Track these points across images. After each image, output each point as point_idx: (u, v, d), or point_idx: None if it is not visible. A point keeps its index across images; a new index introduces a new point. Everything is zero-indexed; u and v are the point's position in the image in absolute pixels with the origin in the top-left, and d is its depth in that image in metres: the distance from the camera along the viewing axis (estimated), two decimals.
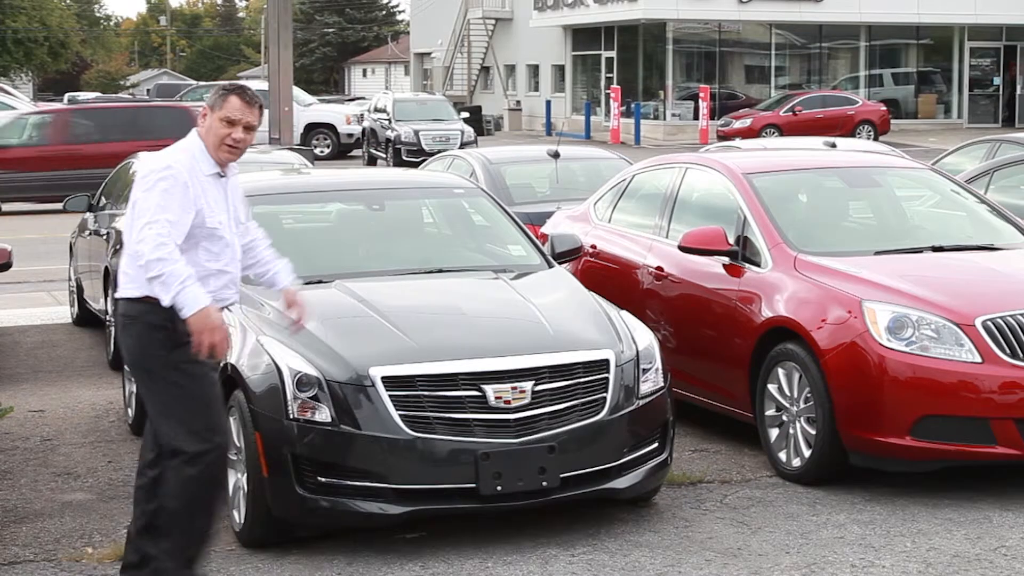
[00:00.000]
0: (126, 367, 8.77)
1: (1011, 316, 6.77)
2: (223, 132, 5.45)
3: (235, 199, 5.65)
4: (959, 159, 13.37)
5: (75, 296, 12.80)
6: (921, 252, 7.70)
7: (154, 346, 5.36)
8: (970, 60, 45.54)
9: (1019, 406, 6.64)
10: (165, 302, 5.22)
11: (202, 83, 51.20)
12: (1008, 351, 6.69)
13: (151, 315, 5.33)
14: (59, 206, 13.71)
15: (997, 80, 45.66)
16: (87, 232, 12.38)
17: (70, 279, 13.16)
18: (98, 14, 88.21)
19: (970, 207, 8.50)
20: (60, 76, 79.33)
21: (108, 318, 10.85)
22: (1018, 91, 44.97)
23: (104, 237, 11.57)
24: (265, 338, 6.33)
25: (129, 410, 8.66)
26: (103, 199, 12.45)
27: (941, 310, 6.80)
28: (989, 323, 6.74)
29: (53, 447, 8.20)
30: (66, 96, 60.20)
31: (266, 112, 25.49)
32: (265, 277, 5.96)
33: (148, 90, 57.99)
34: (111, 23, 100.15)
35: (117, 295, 5.47)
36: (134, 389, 8.52)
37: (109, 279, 10.90)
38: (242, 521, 6.28)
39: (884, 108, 40.01)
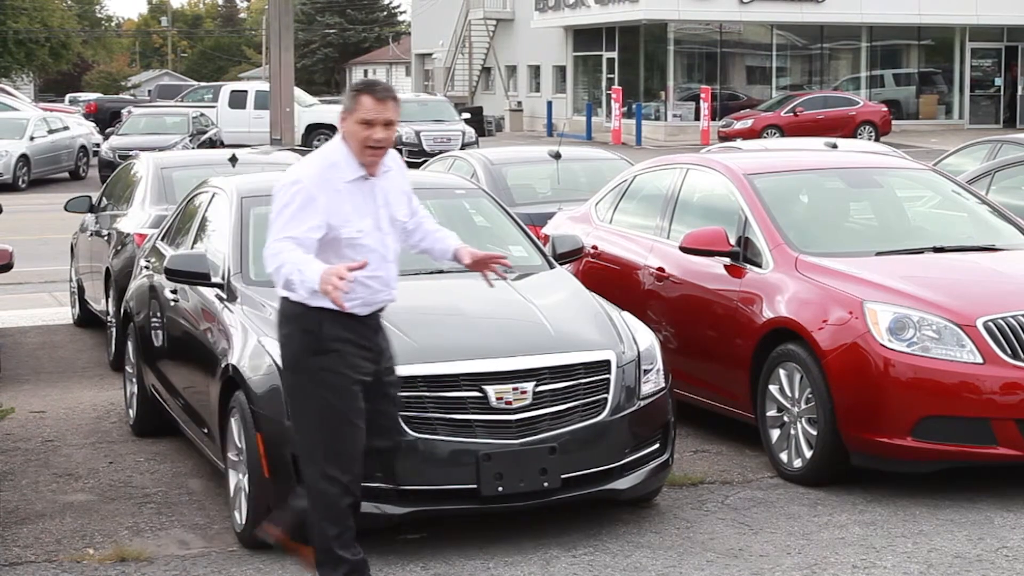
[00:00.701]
0: (126, 368, 8.78)
1: (1012, 317, 6.77)
2: (363, 135, 5.28)
3: (390, 197, 5.44)
4: (960, 160, 13.36)
5: (76, 297, 12.80)
6: (922, 253, 7.70)
7: (302, 349, 5.32)
8: (971, 61, 45.53)
9: (1020, 407, 6.63)
10: (310, 299, 5.17)
11: (203, 84, 51.16)
12: (1009, 352, 6.69)
13: (303, 318, 5.29)
14: (59, 206, 13.70)
15: (998, 81, 45.65)
16: (88, 233, 12.39)
17: (71, 280, 13.18)
18: (99, 15, 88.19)
19: (971, 208, 8.50)
20: (61, 77, 79.34)
21: (109, 319, 10.86)
22: (1019, 92, 44.95)
23: (105, 238, 11.58)
24: (266, 339, 6.32)
25: (130, 411, 8.67)
26: (104, 200, 12.46)
27: (942, 311, 6.80)
28: (990, 324, 6.74)
29: (54, 448, 8.20)
30: (67, 97, 60.27)
31: (267, 112, 25.25)
32: (435, 249, 5.83)
33: (149, 91, 57.99)
34: (112, 24, 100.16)
35: (280, 294, 5.37)
36: (135, 390, 8.53)
37: (110, 280, 10.91)
38: (243, 522, 6.27)
39: (885, 109, 40.00)
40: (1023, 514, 6.57)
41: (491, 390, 6.02)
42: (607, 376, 6.27)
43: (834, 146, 11.85)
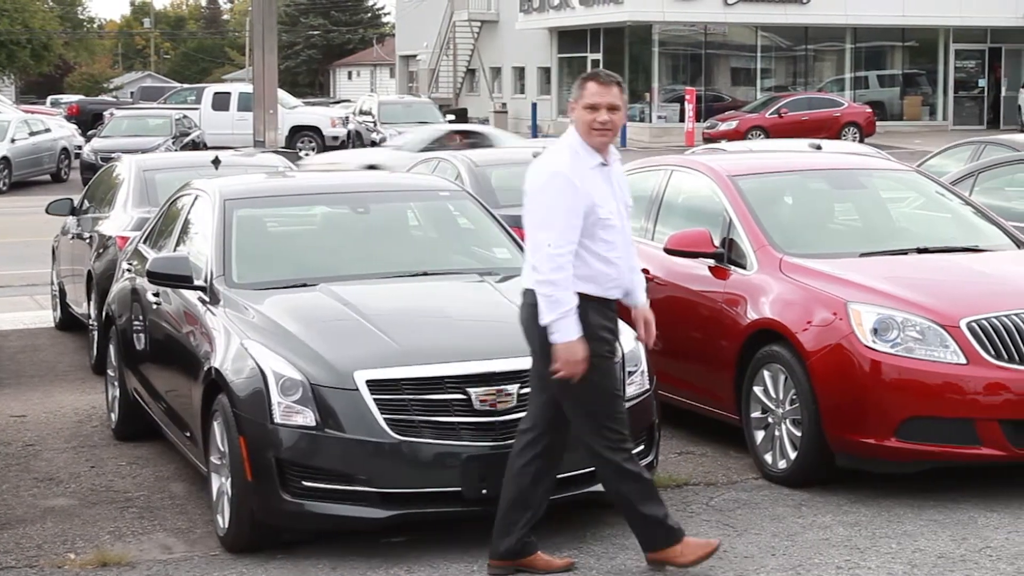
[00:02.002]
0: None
1: (996, 317, 6.77)
2: (588, 118, 5.62)
3: (620, 186, 5.75)
4: (944, 161, 13.39)
5: (58, 300, 12.75)
6: (906, 254, 7.71)
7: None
8: (955, 62, 45.65)
9: (1003, 407, 6.64)
10: (543, 320, 5.53)
11: (186, 86, 51.02)
12: (992, 352, 6.69)
13: None
14: (41, 208, 13.64)
15: (982, 82, 45.79)
16: (70, 236, 12.34)
17: (53, 283, 13.11)
18: (81, 16, 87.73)
19: (955, 209, 8.51)
20: (43, 79, 79.07)
21: (91, 322, 10.81)
22: (1003, 93, 45.09)
23: (87, 241, 11.52)
24: (249, 342, 6.30)
25: (112, 415, 8.63)
26: (86, 202, 12.40)
27: (926, 311, 6.80)
28: (974, 324, 6.75)
29: (35, 452, 8.16)
30: (48, 99, 60.06)
31: (251, 114, 25.19)
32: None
33: (132, 93, 57.81)
34: (94, 25, 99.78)
35: (527, 285, 5.65)
36: (117, 394, 8.49)
37: (92, 283, 10.86)
38: (226, 526, 6.24)
39: (869, 110, 40.08)
40: (1006, 514, 6.58)
41: (475, 392, 6.00)
42: None
43: (818, 147, 11.85)
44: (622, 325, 6.78)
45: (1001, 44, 45.34)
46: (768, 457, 7.23)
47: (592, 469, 6.15)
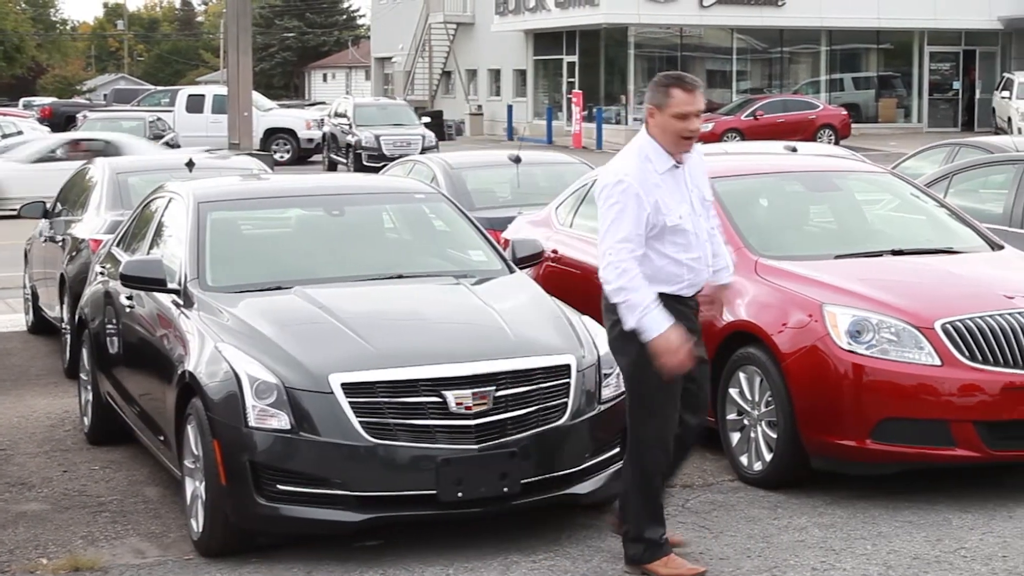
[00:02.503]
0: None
1: (970, 319, 6.79)
2: (678, 127, 5.55)
3: (695, 182, 5.72)
4: (919, 163, 13.42)
5: (30, 304, 12.67)
6: (881, 256, 7.72)
7: (630, 340, 5.59)
8: (930, 65, 45.83)
9: (978, 408, 6.66)
10: (628, 326, 5.52)
11: (160, 88, 50.81)
12: (967, 354, 6.71)
13: None
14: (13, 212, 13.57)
15: (956, 85, 45.97)
16: (43, 239, 12.27)
17: (25, 286, 13.03)
18: (54, 18, 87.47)
19: (929, 211, 8.53)
20: (15, 81, 78.65)
21: (63, 326, 10.75)
22: (977, 95, 45.28)
23: (60, 244, 11.46)
24: (223, 345, 6.27)
25: (85, 419, 8.58)
26: (59, 205, 12.34)
27: (901, 313, 6.81)
28: (948, 326, 6.76)
29: (7, 457, 8.10)
30: (21, 101, 59.72)
31: (225, 116, 25.04)
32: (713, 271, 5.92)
33: (105, 95, 57.51)
34: (67, 27, 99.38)
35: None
36: (90, 398, 8.44)
37: (65, 286, 10.80)
38: (200, 530, 6.21)
39: (845, 112, 40.21)
40: (981, 515, 6.59)
41: (451, 395, 5.98)
42: (567, 381, 6.25)
43: (794, 150, 11.88)
44: (597, 327, 6.79)
45: (975, 47, 45.55)
46: (744, 459, 7.23)
47: (565, 472, 6.15)
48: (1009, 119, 37.17)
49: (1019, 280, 7.33)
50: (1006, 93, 38.19)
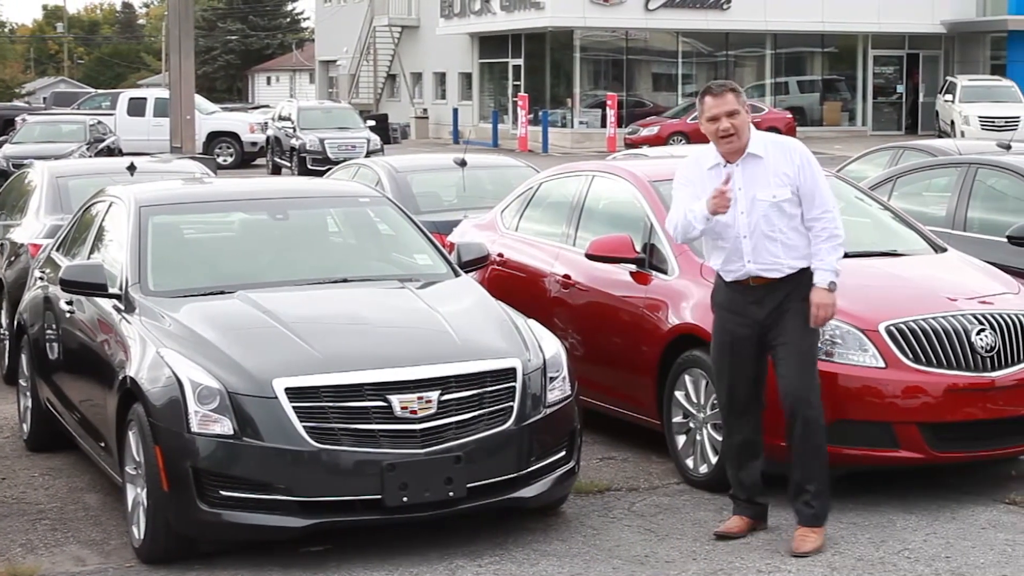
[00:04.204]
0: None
1: (914, 321, 6.83)
2: (712, 129, 6.24)
3: (755, 180, 6.21)
4: (863, 166, 13.51)
5: None
6: None
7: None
8: (874, 68, 46.21)
9: (922, 410, 6.70)
10: (712, 265, 6.47)
11: (101, 91, 50.20)
12: (911, 356, 6.75)
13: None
14: None
15: (900, 88, 46.41)
16: None
17: None
18: None
19: (874, 214, 8.57)
20: None
21: (2, 331, 10.60)
22: (921, 99, 45.73)
23: None
24: (165, 350, 6.20)
25: (24, 425, 8.47)
26: None
27: (845, 316, 6.83)
28: (892, 328, 6.80)
29: None
30: None
31: (168, 120, 24.70)
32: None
33: (44, 98, 56.88)
34: (6, 30, 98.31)
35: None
36: (29, 404, 8.33)
37: (3, 291, 10.66)
38: (142, 537, 6.14)
39: (790, 115, 40.44)
40: (925, 516, 6.64)
41: (395, 399, 5.95)
42: (513, 384, 6.23)
43: None
44: (543, 331, 6.78)
45: (919, 50, 46.00)
46: (689, 462, 7.24)
47: (511, 476, 6.13)
48: (952, 122, 37.54)
49: (962, 282, 7.39)
50: (949, 96, 38.57)
